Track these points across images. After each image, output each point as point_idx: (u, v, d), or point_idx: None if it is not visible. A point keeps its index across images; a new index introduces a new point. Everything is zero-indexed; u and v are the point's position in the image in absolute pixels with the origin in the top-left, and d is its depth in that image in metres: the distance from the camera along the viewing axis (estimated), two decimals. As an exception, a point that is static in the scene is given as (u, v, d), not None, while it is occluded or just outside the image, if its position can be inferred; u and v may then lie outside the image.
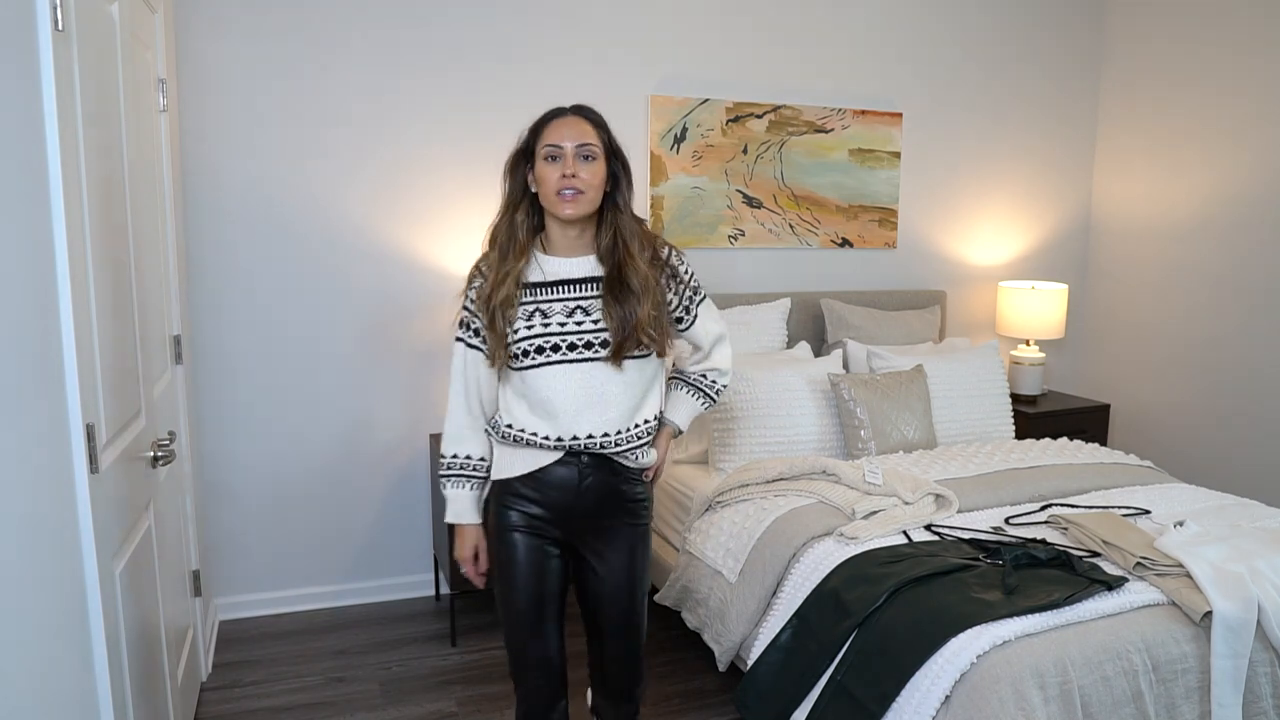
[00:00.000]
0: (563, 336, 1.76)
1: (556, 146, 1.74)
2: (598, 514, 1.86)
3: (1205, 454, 3.81)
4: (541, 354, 1.76)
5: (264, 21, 3.02)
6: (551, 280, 1.80)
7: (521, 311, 1.78)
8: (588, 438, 1.79)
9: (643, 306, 1.76)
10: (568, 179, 1.72)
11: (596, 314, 1.77)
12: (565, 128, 1.76)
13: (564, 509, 1.84)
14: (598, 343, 1.77)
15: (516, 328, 1.78)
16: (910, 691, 1.89)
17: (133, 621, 1.76)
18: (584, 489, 1.83)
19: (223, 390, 3.13)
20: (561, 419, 1.78)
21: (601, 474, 1.84)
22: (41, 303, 1.36)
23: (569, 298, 1.79)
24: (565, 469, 1.82)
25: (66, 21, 1.45)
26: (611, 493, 1.85)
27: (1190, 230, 3.85)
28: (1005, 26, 4.02)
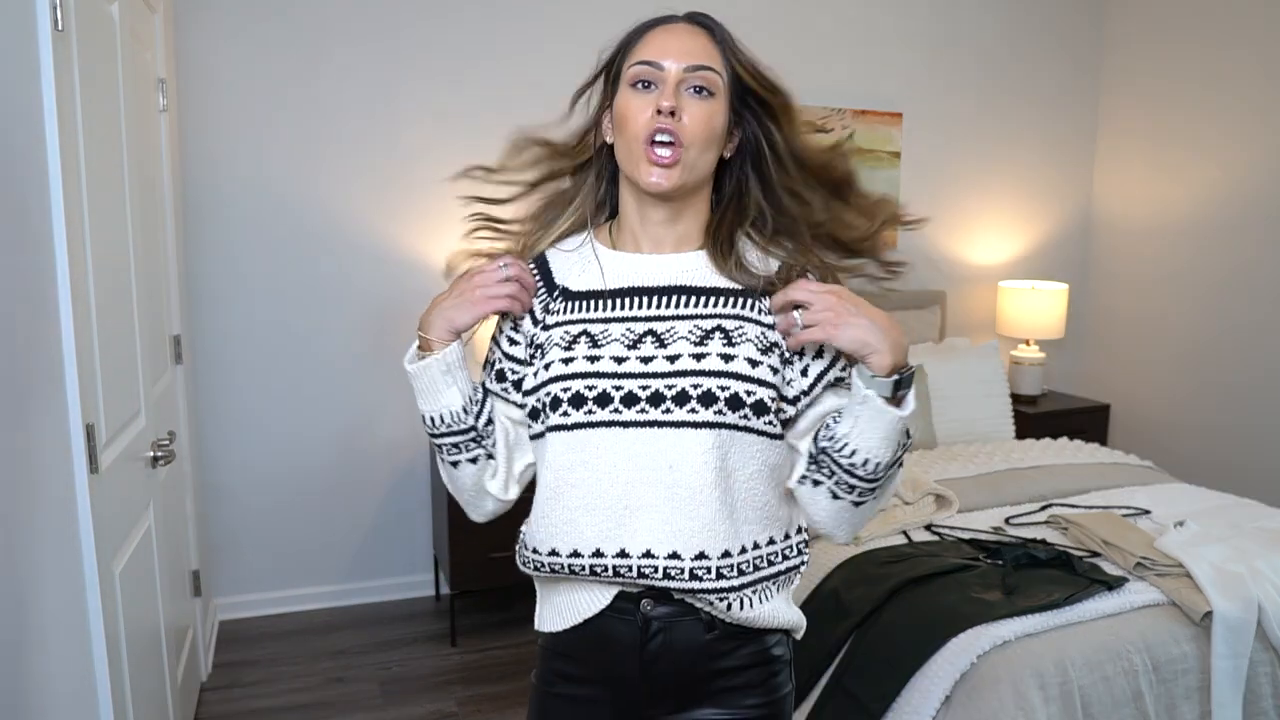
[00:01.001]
0: (618, 381, 1.06)
1: (653, 65, 1.07)
2: (682, 692, 1.13)
3: (1205, 454, 3.80)
4: (581, 406, 1.07)
5: (264, 21, 3.02)
6: (613, 289, 1.12)
7: (560, 334, 1.11)
8: (644, 558, 1.06)
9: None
10: (664, 118, 1.05)
11: (676, 344, 1.07)
12: (672, 37, 1.09)
13: (628, 684, 1.13)
14: (671, 396, 1.05)
15: (549, 359, 1.10)
16: (910, 691, 1.89)
17: (133, 621, 1.76)
18: (654, 652, 1.11)
19: (223, 390, 3.13)
20: (603, 518, 1.07)
21: (681, 628, 1.10)
22: (41, 303, 1.36)
23: (637, 316, 1.10)
24: (619, 622, 1.11)
25: (66, 21, 1.45)
26: (703, 657, 1.11)
27: (1190, 230, 3.85)
28: (1005, 26, 4.02)
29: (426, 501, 3.40)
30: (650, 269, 1.13)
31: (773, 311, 1.10)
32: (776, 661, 1.17)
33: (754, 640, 1.13)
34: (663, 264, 1.13)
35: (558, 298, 1.14)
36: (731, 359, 1.06)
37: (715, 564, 1.06)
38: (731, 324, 1.08)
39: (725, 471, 1.06)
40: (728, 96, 1.10)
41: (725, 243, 1.12)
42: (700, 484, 1.05)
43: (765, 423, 1.07)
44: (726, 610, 1.09)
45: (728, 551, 1.07)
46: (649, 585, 1.07)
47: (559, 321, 1.12)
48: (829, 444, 1.07)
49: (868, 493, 1.08)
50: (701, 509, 1.05)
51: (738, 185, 1.15)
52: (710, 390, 1.04)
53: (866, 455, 1.04)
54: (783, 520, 1.14)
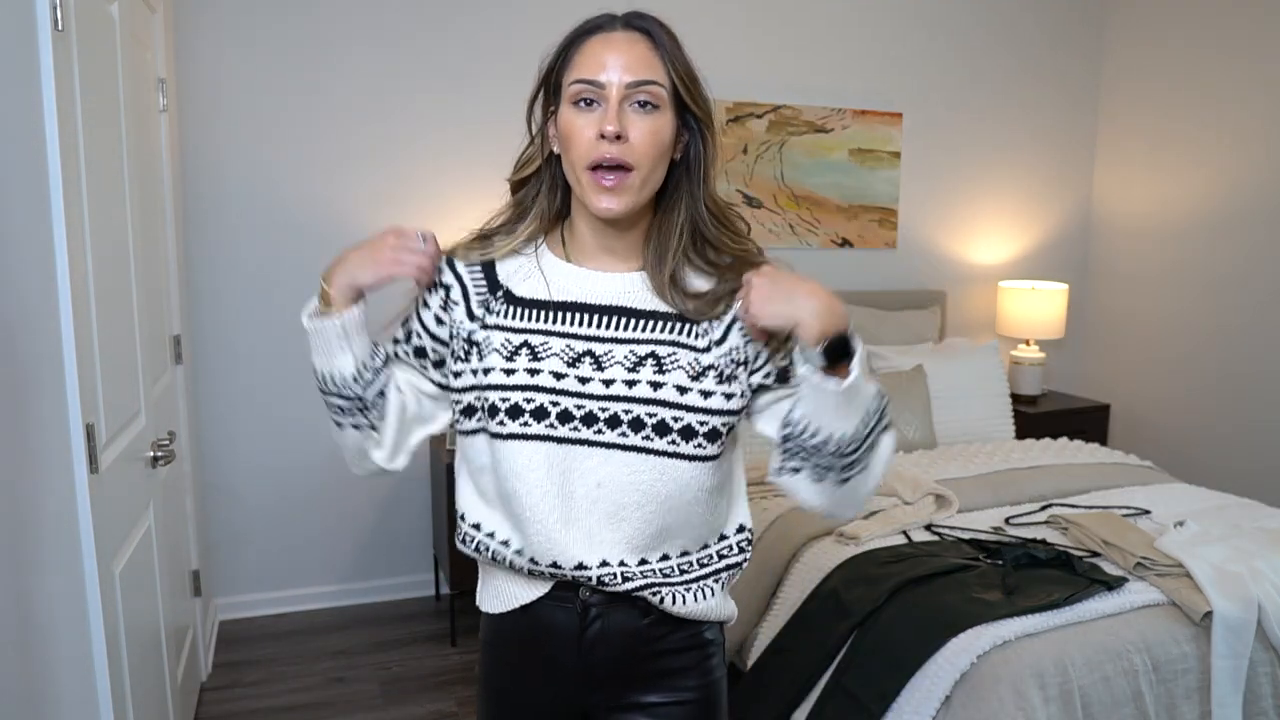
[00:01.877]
0: (555, 397, 1.08)
1: (593, 84, 1.04)
2: (621, 677, 1.17)
3: (1205, 454, 3.80)
4: (517, 418, 1.08)
5: (264, 21, 3.02)
6: (558, 301, 1.12)
7: (501, 340, 1.11)
8: (576, 569, 1.10)
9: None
10: (608, 141, 1.03)
11: (611, 370, 1.08)
12: (610, 50, 1.05)
13: (570, 668, 1.16)
14: (604, 418, 1.07)
15: (489, 363, 1.10)
16: (910, 691, 1.89)
17: (133, 621, 1.76)
18: (593, 638, 1.15)
19: (223, 390, 3.13)
20: (534, 531, 1.09)
21: (618, 614, 1.14)
22: (41, 303, 1.36)
23: (575, 333, 1.10)
24: (559, 609, 1.14)
25: (66, 21, 1.45)
26: (641, 641, 1.15)
27: (1190, 230, 3.85)
28: (1006, 26, 4.02)
29: (426, 501, 3.40)
30: (594, 286, 1.12)
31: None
32: (710, 645, 1.20)
33: (687, 625, 1.17)
34: (606, 282, 1.13)
35: (500, 298, 1.13)
36: (660, 386, 1.08)
37: (647, 568, 1.11)
38: (664, 350, 1.10)
39: (653, 493, 1.08)
40: (673, 104, 1.07)
41: (661, 266, 1.11)
42: (627, 502, 1.08)
43: (694, 446, 1.08)
44: (660, 604, 1.13)
45: (666, 555, 1.12)
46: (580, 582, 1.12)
47: (499, 325, 1.11)
48: (790, 429, 1.07)
49: (849, 469, 1.07)
50: (626, 525, 1.09)
51: (670, 200, 1.12)
52: (639, 416, 1.07)
53: (828, 432, 1.04)
54: (718, 526, 1.17)
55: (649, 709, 1.17)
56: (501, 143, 3.70)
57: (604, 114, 1.03)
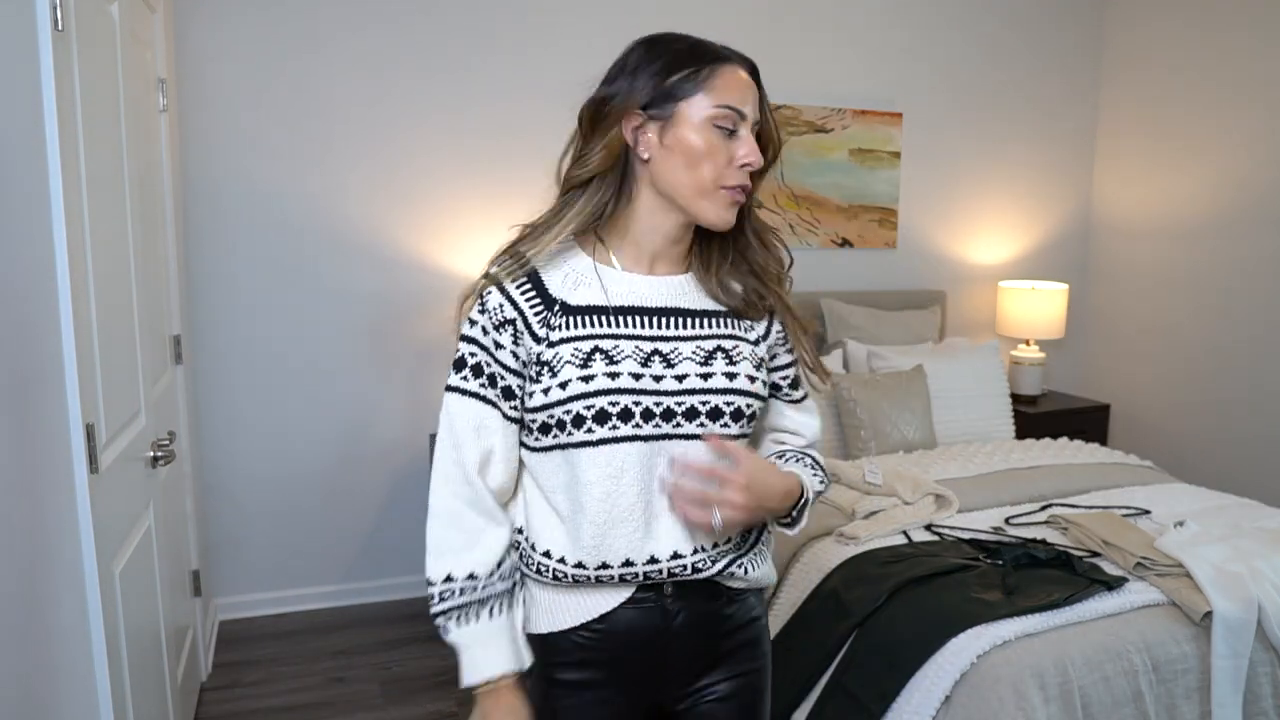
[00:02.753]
0: (637, 397, 1.11)
1: (739, 114, 1.12)
2: (695, 664, 1.21)
3: (1205, 454, 3.80)
4: (605, 422, 1.10)
5: (264, 21, 3.02)
6: (617, 306, 1.15)
7: (571, 352, 1.12)
8: (672, 560, 1.15)
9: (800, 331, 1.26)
10: (747, 168, 1.13)
11: (682, 366, 1.14)
12: (744, 85, 1.14)
13: (645, 670, 1.19)
14: (681, 412, 1.13)
15: (564, 376, 1.11)
16: (910, 691, 1.89)
17: (132, 621, 1.76)
18: (674, 633, 1.18)
19: (223, 390, 3.13)
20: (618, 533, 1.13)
21: (697, 602, 1.19)
22: (41, 303, 1.36)
23: (641, 334, 1.15)
24: (640, 611, 1.17)
25: (66, 21, 1.45)
26: (716, 624, 1.21)
27: (1190, 230, 3.85)
28: (1005, 26, 4.02)
29: (426, 501, 3.40)
30: (647, 289, 1.18)
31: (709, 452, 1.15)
32: (761, 619, 1.29)
33: (744, 599, 1.24)
34: (657, 285, 1.19)
35: (558, 313, 1.14)
36: (735, 377, 1.16)
37: (726, 546, 1.19)
38: (729, 344, 1.19)
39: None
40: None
41: (709, 269, 1.21)
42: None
43: (752, 426, 1.20)
44: (745, 575, 1.20)
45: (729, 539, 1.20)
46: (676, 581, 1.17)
47: (565, 338, 1.13)
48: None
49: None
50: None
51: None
52: (717, 406, 1.15)
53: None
54: None
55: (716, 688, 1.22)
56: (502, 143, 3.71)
57: (743, 143, 1.13)
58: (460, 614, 1.15)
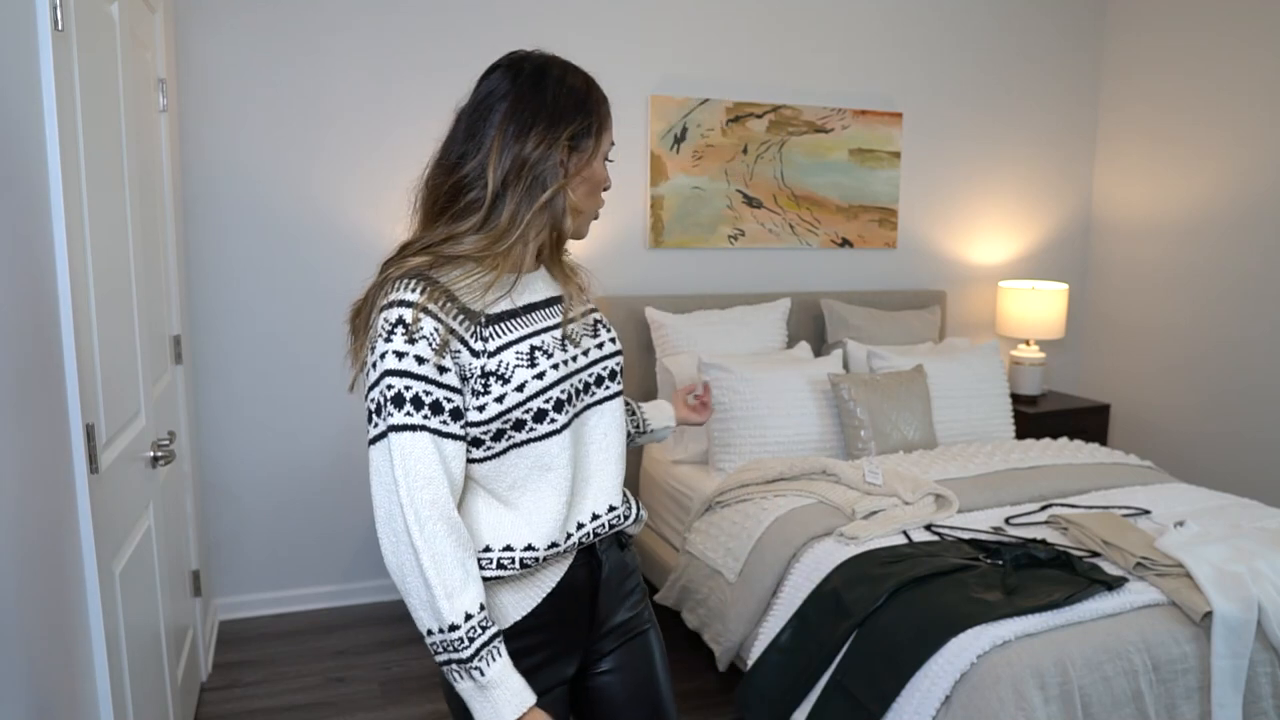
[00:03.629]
0: (573, 378, 1.25)
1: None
2: (616, 612, 1.36)
3: (1205, 454, 3.81)
4: (562, 410, 1.22)
5: (264, 21, 3.02)
6: (522, 305, 1.25)
7: (513, 356, 1.18)
8: (609, 512, 1.31)
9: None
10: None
11: (583, 343, 1.29)
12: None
13: (579, 630, 1.31)
14: (593, 380, 1.29)
15: (518, 380, 1.17)
16: (910, 691, 1.89)
17: (133, 621, 1.76)
18: (603, 585, 1.33)
19: (223, 390, 3.13)
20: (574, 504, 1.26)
21: (614, 551, 1.36)
22: (41, 303, 1.36)
23: (547, 325, 1.25)
24: (579, 572, 1.29)
25: (66, 21, 1.45)
26: (625, 568, 1.38)
27: (1191, 230, 3.85)
28: (1005, 26, 4.02)
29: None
30: (532, 286, 1.28)
31: None
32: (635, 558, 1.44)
33: (629, 548, 1.40)
34: (534, 280, 1.28)
35: (485, 324, 1.19)
36: (616, 340, 1.35)
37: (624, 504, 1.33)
38: (595, 315, 1.34)
39: (621, 425, 1.33)
40: None
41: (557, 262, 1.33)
42: (618, 439, 1.32)
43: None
44: (631, 525, 1.36)
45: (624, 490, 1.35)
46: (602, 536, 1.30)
47: (503, 344, 1.19)
48: None
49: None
50: (621, 459, 1.33)
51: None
52: (612, 369, 1.33)
53: None
54: None
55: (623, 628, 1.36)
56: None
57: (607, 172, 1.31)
58: (490, 651, 1.13)
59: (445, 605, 1.11)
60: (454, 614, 1.11)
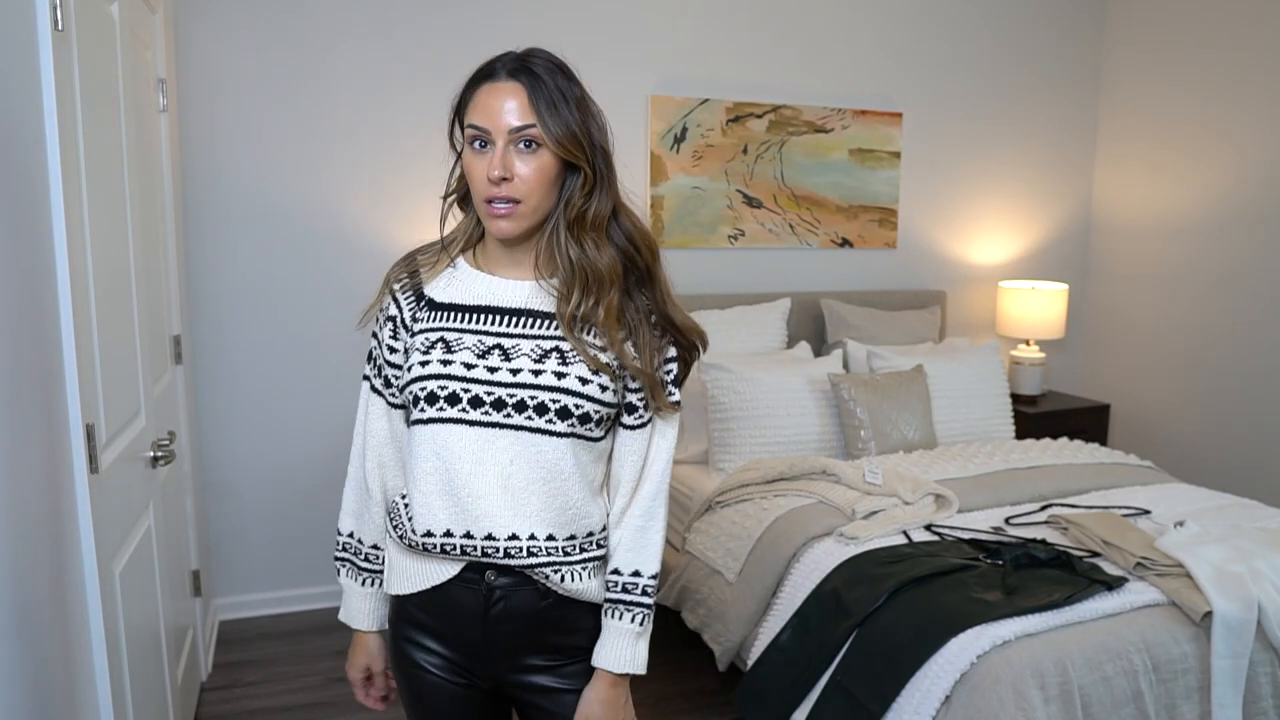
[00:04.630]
0: (466, 385, 1.22)
1: (481, 130, 1.19)
2: (517, 651, 1.31)
3: (1205, 454, 3.81)
4: (434, 403, 1.23)
5: (264, 21, 3.02)
6: (473, 304, 1.27)
7: (422, 339, 1.26)
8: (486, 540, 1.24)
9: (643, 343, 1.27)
10: (494, 183, 1.18)
11: (519, 361, 1.23)
12: (494, 99, 1.19)
13: (470, 644, 1.31)
14: (512, 403, 1.22)
15: (412, 360, 1.26)
16: (910, 691, 1.89)
17: (132, 621, 1.76)
18: (493, 617, 1.28)
19: (223, 390, 3.13)
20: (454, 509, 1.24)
21: (520, 593, 1.28)
22: (41, 303, 1.36)
23: (486, 330, 1.25)
24: (464, 589, 1.28)
25: (66, 21, 1.45)
26: (537, 619, 1.29)
27: (1190, 230, 3.85)
28: (1005, 26, 4.02)
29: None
30: (503, 291, 1.28)
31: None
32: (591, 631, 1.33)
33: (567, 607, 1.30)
34: (514, 288, 1.28)
35: (424, 307, 1.29)
36: (564, 376, 1.23)
37: (545, 544, 1.25)
38: (567, 345, 1.25)
39: (553, 469, 1.24)
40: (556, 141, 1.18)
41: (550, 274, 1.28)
42: (533, 478, 1.23)
43: (587, 430, 1.25)
44: (560, 582, 1.26)
45: (552, 535, 1.25)
46: (492, 562, 1.25)
47: (423, 329, 1.28)
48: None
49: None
50: (533, 499, 1.23)
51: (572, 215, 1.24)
52: (544, 402, 1.23)
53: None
54: (595, 515, 1.30)
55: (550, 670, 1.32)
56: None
57: (492, 157, 1.18)
58: (351, 567, 1.46)
59: (342, 516, 1.49)
60: (343, 525, 1.49)
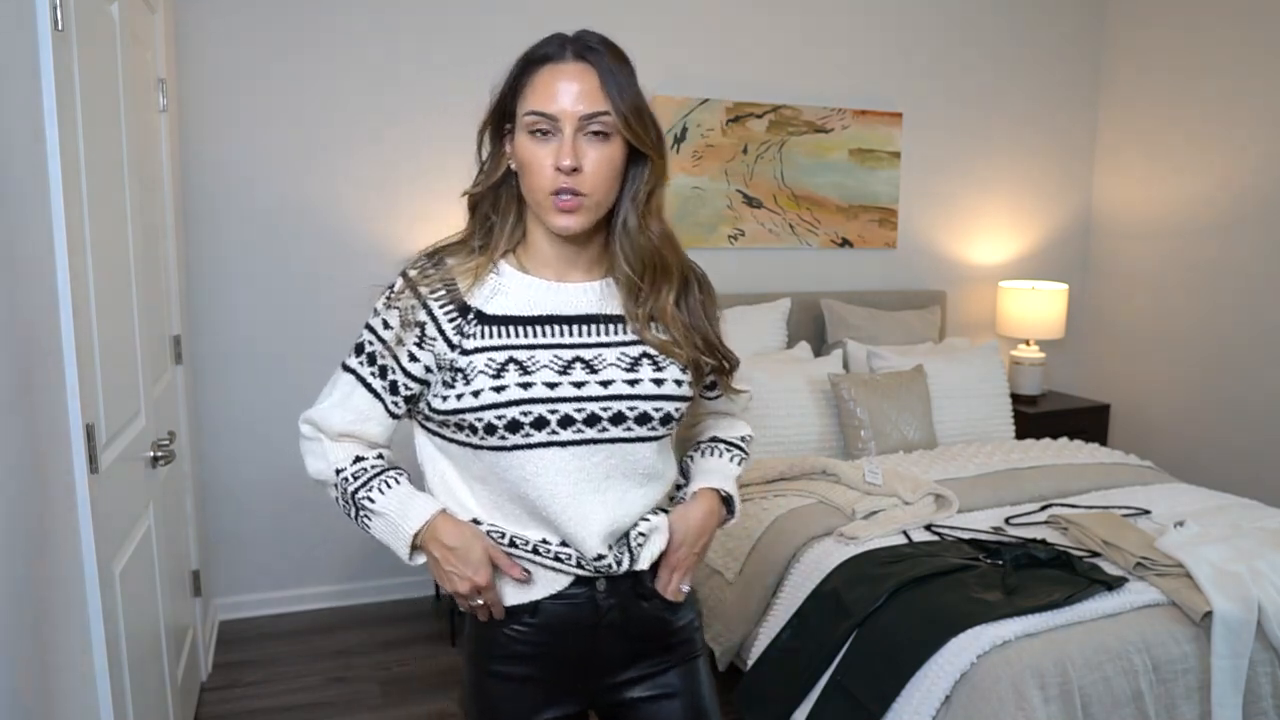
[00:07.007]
0: (553, 405, 1.12)
1: (547, 117, 1.10)
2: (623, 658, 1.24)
3: (1205, 454, 3.80)
4: (517, 431, 1.12)
5: (264, 21, 3.02)
6: (533, 316, 1.17)
7: (485, 361, 1.13)
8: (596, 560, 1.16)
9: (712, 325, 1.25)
10: (565, 174, 1.09)
11: (607, 372, 1.15)
12: (561, 82, 1.11)
13: (574, 661, 1.21)
14: (608, 417, 1.14)
15: (476, 386, 1.12)
16: (910, 691, 1.89)
17: (133, 621, 1.76)
18: (604, 627, 1.21)
19: (223, 390, 3.13)
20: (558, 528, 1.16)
21: (630, 601, 1.22)
22: (41, 303, 1.36)
23: (560, 343, 1.15)
24: (570, 606, 1.19)
25: (66, 21, 1.45)
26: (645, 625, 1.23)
27: (1190, 230, 3.85)
28: (1005, 26, 4.02)
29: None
30: (565, 297, 1.19)
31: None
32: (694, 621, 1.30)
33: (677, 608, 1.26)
34: (575, 292, 1.19)
35: (472, 321, 1.15)
36: (662, 383, 1.17)
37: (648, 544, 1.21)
38: (642, 349, 1.19)
39: (649, 471, 1.19)
40: (624, 128, 1.12)
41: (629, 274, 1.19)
42: (629, 485, 1.18)
43: (669, 429, 1.21)
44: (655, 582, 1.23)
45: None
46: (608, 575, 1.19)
47: (480, 347, 1.14)
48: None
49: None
50: (634, 506, 1.18)
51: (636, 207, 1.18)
52: (646, 411, 1.16)
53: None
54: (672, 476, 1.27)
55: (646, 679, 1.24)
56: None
57: (559, 146, 1.09)
58: (379, 482, 1.21)
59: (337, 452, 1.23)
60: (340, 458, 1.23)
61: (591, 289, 1.20)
